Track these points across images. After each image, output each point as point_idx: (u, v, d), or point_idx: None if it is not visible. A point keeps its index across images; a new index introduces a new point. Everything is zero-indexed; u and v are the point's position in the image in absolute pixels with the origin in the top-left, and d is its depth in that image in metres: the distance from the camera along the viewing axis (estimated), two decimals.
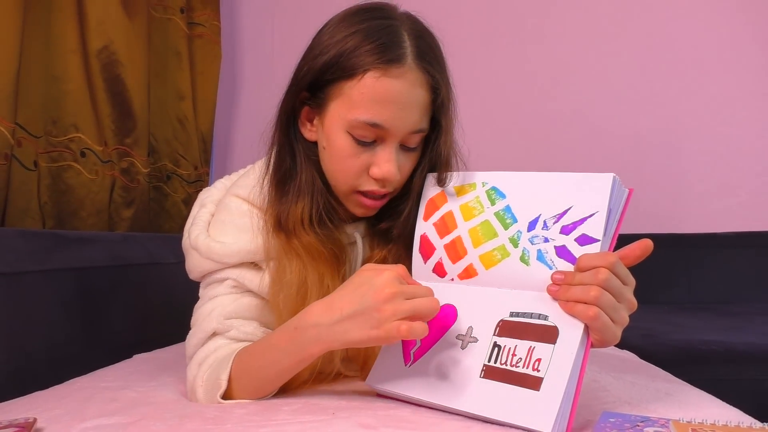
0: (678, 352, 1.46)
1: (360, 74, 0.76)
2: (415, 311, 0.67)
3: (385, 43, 0.76)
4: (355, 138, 0.79)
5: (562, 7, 2.34)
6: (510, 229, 0.73)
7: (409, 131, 0.79)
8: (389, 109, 0.77)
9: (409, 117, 0.78)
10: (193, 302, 0.91)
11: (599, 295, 0.62)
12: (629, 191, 0.69)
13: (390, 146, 0.79)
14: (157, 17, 1.90)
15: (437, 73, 0.79)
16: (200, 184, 2.06)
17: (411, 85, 0.77)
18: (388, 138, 0.79)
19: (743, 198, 2.21)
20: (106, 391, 0.86)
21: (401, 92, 0.76)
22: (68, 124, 1.49)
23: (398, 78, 0.76)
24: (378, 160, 0.80)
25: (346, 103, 0.78)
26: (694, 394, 0.84)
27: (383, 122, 0.77)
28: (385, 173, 0.79)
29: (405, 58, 0.76)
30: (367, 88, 0.76)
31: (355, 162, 0.80)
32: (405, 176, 0.84)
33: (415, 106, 0.78)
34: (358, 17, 0.80)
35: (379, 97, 0.76)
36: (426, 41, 0.80)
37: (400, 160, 0.81)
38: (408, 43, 0.77)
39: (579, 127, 2.31)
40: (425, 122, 0.81)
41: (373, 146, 0.80)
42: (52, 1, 1.45)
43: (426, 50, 0.79)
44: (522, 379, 0.65)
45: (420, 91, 0.78)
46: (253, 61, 2.45)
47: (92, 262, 1.26)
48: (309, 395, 0.80)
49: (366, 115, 0.77)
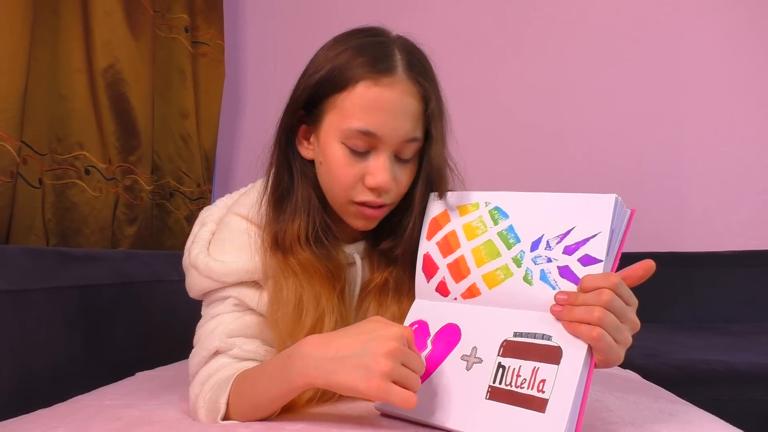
0: (680, 372, 1.45)
1: (352, 85, 0.78)
2: (407, 381, 0.66)
3: (376, 56, 0.79)
4: (349, 148, 0.80)
5: (563, 26, 2.36)
6: (513, 248, 0.73)
7: (401, 140, 0.80)
8: (381, 117, 0.78)
9: (400, 125, 0.79)
10: (196, 320, 0.91)
11: (602, 316, 0.62)
12: (631, 212, 0.69)
13: (383, 155, 0.80)
14: (161, 36, 1.92)
15: (427, 84, 0.81)
16: (203, 201, 2.06)
17: (402, 93, 0.79)
18: (381, 147, 0.80)
19: (744, 216, 2.21)
20: (110, 410, 0.86)
21: (392, 100, 0.78)
22: (73, 142, 1.50)
23: (389, 87, 0.78)
24: (372, 170, 0.80)
25: (339, 114, 0.80)
26: (696, 415, 0.84)
27: (375, 130, 0.78)
28: (379, 182, 0.80)
29: (396, 69, 0.79)
30: (359, 98, 0.78)
31: (349, 172, 0.81)
32: (402, 188, 0.85)
33: (406, 114, 0.79)
34: (351, 37, 0.83)
35: (370, 105, 0.78)
36: (416, 56, 0.83)
37: (395, 171, 0.82)
38: (399, 56, 0.80)
39: (580, 145, 2.32)
40: (418, 131, 0.82)
41: (367, 156, 0.81)
42: (59, 22, 1.47)
43: (416, 63, 0.81)
44: (527, 400, 0.65)
45: (411, 100, 0.80)
46: (256, 80, 2.47)
47: (96, 279, 1.26)
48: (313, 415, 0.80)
49: (358, 123, 0.78)
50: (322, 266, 0.85)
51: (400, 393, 0.64)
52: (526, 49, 2.38)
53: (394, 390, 0.64)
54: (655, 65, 2.30)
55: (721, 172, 2.24)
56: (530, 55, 2.37)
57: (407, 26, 0.89)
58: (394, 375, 0.64)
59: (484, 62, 2.38)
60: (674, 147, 2.27)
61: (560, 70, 2.35)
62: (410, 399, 0.64)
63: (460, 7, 2.40)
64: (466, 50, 2.37)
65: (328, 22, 2.41)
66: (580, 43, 2.34)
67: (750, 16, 2.26)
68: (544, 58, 2.36)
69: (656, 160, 2.28)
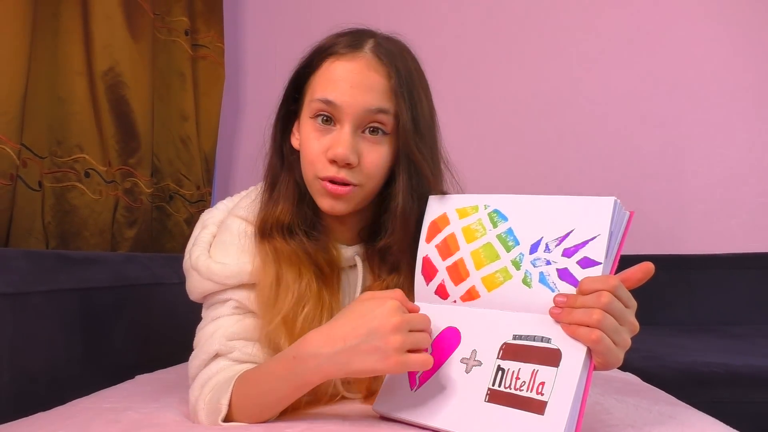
0: (680, 374, 1.45)
1: (319, 64, 0.85)
2: (418, 345, 0.69)
3: (348, 38, 0.85)
4: (315, 122, 0.84)
5: (564, 29, 2.36)
6: (512, 251, 0.73)
7: (361, 110, 0.81)
8: (340, 87, 0.81)
9: (360, 96, 0.81)
10: (195, 322, 0.91)
11: (602, 318, 0.63)
12: (630, 214, 0.69)
13: (345, 127, 0.82)
14: (161, 39, 1.93)
15: (395, 63, 0.83)
16: (203, 204, 2.06)
17: (363, 67, 0.82)
18: (343, 118, 0.82)
19: (744, 219, 2.21)
20: (109, 413, 0.86)
21: (352, 71, 0.82)
22: (73, 144, 1.50)
23: (351, 61, 0.82)
24: (333, 142, 0.82)
25: (309, 93, 0.86)
26: (696, 417, 0.84)
27: (334, 98, 0.81)
28: (337, 152, 0.80)
29: (362, 47, 0.83)
30: (324, 72, 0.84)
31: (315, 146, 0.83)
32: (370, 167, 0.84)
33: (367, 87, 0.82)
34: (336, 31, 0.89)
35: (332, 76, 0.83)
36: (390, 42, 0.87)
37: (359, 146, 0.83)
38: (370, 41, 0.85)
39: (579, 148, 2.32)
40: (384, 103, 0.82)
41: (332, 131, 0.83)
42: (59, 24, 1.47)
43: (386, 45, 0.85)
44: (526, 403, 0.65)
45: (373, 74, 0.82)
46: (256, 83, 2.47)
47: (95, 282, 1.26)
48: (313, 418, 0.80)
49: (319, 93, 0.82)
50: (306, 255, 0.86)
51: (418, 359, 0.68)
52: (525, 53, 2.38)
53: (411, 359, 0.68)
54: (655, 68, 2.30)
55: (721, 174, 2.24)
56: (529, 59, 2.37)
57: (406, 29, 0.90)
58: (406, 345, 0.68)
59: (483, 65, 2.38)
60: (674, 150, 2.27)
61: (559, 73, 2.35)
62: (428, 361, 0.68)
63: (459, 10, 2.40)
64: (465, 53, 2.37)
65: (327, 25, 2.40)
66: (579, 46, 2.35)
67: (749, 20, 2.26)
68: (543, 61, 2.36)
69: (656, 162, 2.28)
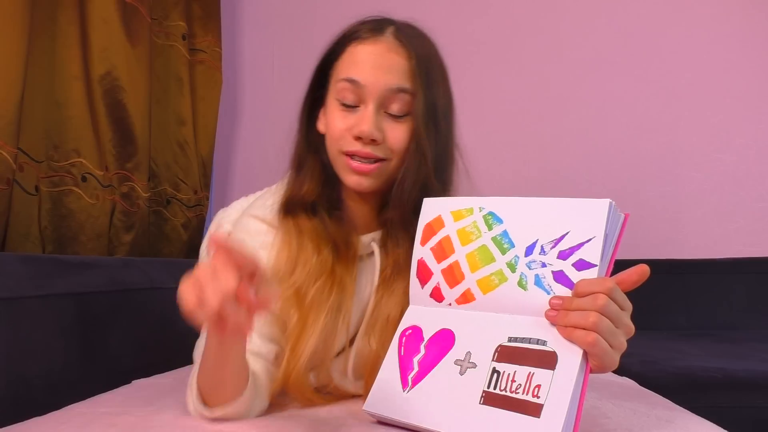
0: (677, 379, 1.45)
1: (343, 50, 0.89)
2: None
3: (370, 24, 0.89)
4: (341, 102, 0.87)
5: (561, 32, 2.37)
6: (507, 254, 0.73)
7: (384, 89, 0.85)
8: (363, 67, 0.86)
9: (382, 75, 0.85)
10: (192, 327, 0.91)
11: (598, 321, 0.62)
12: (625, 216, 0.69)
13: (369, 106, 0.86)
14: (159, 44, 1.93)
15: (416, 46, 0.87)
16: (200, 208, 2.06)
17: (385, 49, 0.86)
18: (367, 98, 0.86)
19: (741, 224, 2.21)
20: (105, 417, 0.85)
21: (374, 53, 0.86)
22: (70, 149, 1.50)
23: (373, 43, 0.87)
24: (358, 120, 0.86)
25: (334, 77, 0.90)
26: (694, 422, 0.83)
27: (358, 78, 0.85)
28: (362, 129, 0.84)
29: (383, 32, 0.88)
30: (348, 55, 0.88)
31: (340, 124, 0.87)
32: (394, 144, 0.87)
33: (389, 67, 0.86)
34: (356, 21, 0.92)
35: (356, 58, 0.87)
36: (411, 28, 0.91)
37: (383, 124, 0.86)
38: (392, 26, 0.89)
39: (577, 152, 2.32)
40: (405, 83, 0.86)
41: (357, 110, 0.87)
42: (57, 29, 1.47)
43: (407, 31, 0.90)
44: (522, 405, 0.64)
45: (395, 56, 0.86)
46: (254, 87, 2.47)
47: (92, 287, 1.26)
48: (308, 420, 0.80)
49: (344, 73, 0.87)
50: (325, 233, 0.90)
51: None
52: (523, 57, 2.38)
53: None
54: (652, 72, 2.30)
55: (718, 179, 2.24)
56: (527, 63, 2.38)
57: None
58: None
59: (482, 68, 2.38)
60: (671, 154, 2.28)
61: (557, 77, 2.35)
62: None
63: (459, 12, 2.40)
64: (463, 57, 2.38)
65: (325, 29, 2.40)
66: (577, 50, 2.35)
67: (746, 23, 2.27)
68: (540, 65, 2.37)
69: (653, 167, 2.28)
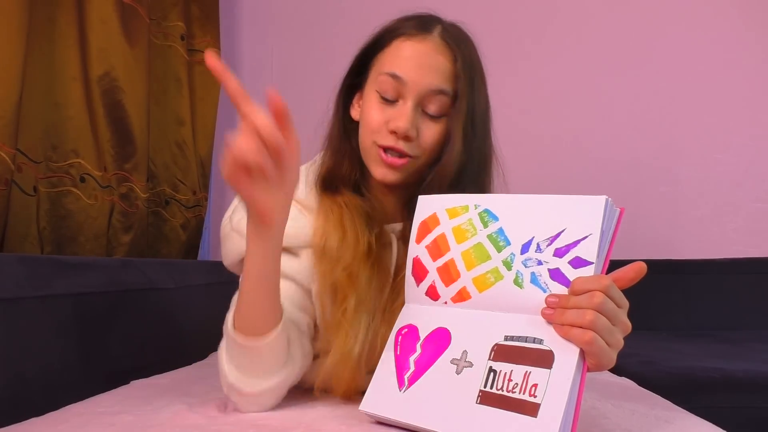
0: (677, 379, 1.45)
1: (389, 42, 0.91)
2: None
3: (417, 21, 0.91)
4: (380, 94, 0.89)
5: (560, 32, 2.37)
6: (503, 251, 0.73)
7: (426, 89, 0.87)
8: (408, 64, 0.87)
9: (426, 75, 0.87)
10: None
11: (595, 319, 0.62)
12: (620, 211, 0.69)
13: (408, 103, 0.88)
14: (157, 44, 1.93)
15: (461, 49, 0.89)
16: (199, 209, 2.06)
17: (432, 49, 0.88)
18: (407, 95, 0.88)
19: (740, 224, 2.21)
20: (103, 416, 0.85)
21: (421, 52, 0.88)
22: (68, 149, 1.49)
23: (421, 42, 0.88)
24: (396, 115, 0.88)
25: (377, 68, 0.91)
26: (693, 422, 0.83)
27: (401, 74, 0.87)
28: (399, 125, 0.86)
29: (432, 31, 0.89)
30: (394, 50, 0.90)
31: (377, 116, 0.89)
32: (427, 143, 0.90)
33: (433, 67, 0.88)
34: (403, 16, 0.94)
35: (401, 53, 0.89)
36: (458, 30, 0.94)
37: (419, 123, 0.89)
38: (439, 25, 0.91)
39: (576, 152, 2.32)
40: (445, 86, 0.88)
41: (395, 105, 0.89)
42: (55, 29, 1.47)
43: (454, 33, 0.92)
44: (519, 405, 0.64)
45: (440, 57, 0.88)
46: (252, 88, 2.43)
47: (90, 287, 1.25)
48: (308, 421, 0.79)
49: (387, 67, 0.89)
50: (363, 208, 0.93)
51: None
52: (522, 56, 2.38)
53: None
54: (651, 73, 2.30)
55: (717, 179, 2.24)
56: (526, 62, 2.38)
57: None
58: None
59: None
60: (670, 154, 2.28)
61: (556, 76, 2.35)
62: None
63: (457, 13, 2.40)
64: None
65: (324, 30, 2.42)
66: (576, 50, 2.35)
67: (745, 23, 2.27)
68: (540, 65, 2.37)
69: (652, 167, 2.28)
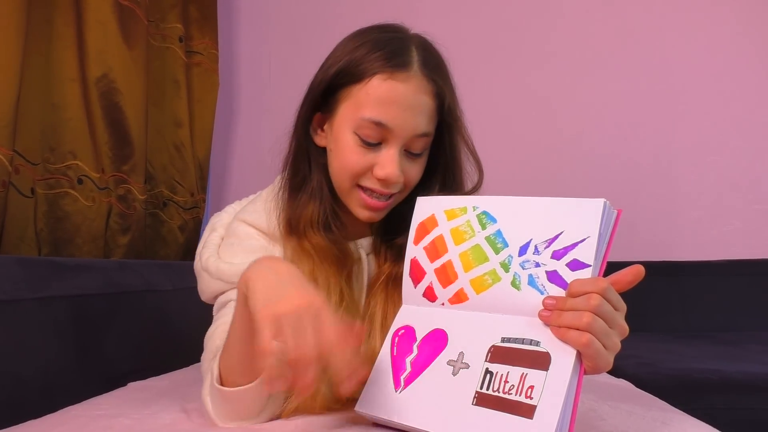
0: (674, 381, 1.45)
1: (368, 77, 0.81)
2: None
3: (393, 50, 0.82)
4: (361, 138, 0.83)
5: (558, 35, 2.37)
6: (501, 253, 0.73)
7: (412, 134, 0.83)
8: (393, 110, 0.81)
9: (412, 119, 0.82)
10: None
11: (592, 322, 0.62)
12: (618, 212, 0.69)
13: (394, 148, 0.83)
14: (156, 46, 1.93)
15: (441, 82, 0.85)
16: (197, 210, 2.06)
17: (415, 89, 0.82)
18: (391, 139, 0.83)
19: (737, 226, 2.22)
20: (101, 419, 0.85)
21: (406, 95, 0.81)
22: (66, 151, 1.50)
23: (403, 82, 0.81)
24: (381, 161, 0.83)
25: (354, 105, 0.83)
26: (690, 424, 0.83)
27: (387, 122, 0.81)
28: (388, 173, 0.82)
29: (411, 65, 0.82)
30: (374, 89, 0.81)
31: (359, 160, 0.84)
32: (410, 182, 0.88)
33: (419, 110, 0.82)
34: (370, 32, 0.87)
35: (384, 97, 0.81)
36: (432, 54, 0.87)
37: (404, 165, 0.85)
38: (415, 53, 0.83)
39: (573, 154, 2.32)
40: (430, 127, 0.85)
41: (378, 148, 0.84)
42: (53, 31, 1.47)
43: (432, 61, 0.85)
44: (515, 406, 0.64)
45: (424, 97, 0.83)
46: (250, 89, 2.48)
47: (88, 289, 1.25)
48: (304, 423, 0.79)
49: (371, 113, 0.81)
50: (332, 251, 0.88)
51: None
52: (520, 58, 2.39)
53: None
54: (648, 75, 2.31)
55: (714, 182, 2.25)
56: (524, 64, 2.38)
57: None
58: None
59: (480, 69, 2.38)
60: (667, 156, 2.28)
61: (554, 79, 2.36)
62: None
63: (456, 16, 2.41)
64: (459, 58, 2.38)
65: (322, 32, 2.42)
66: (573, 53, 2.36)
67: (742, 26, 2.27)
68: (537, 67, 2.37)
69: (649, 169, 2.28)
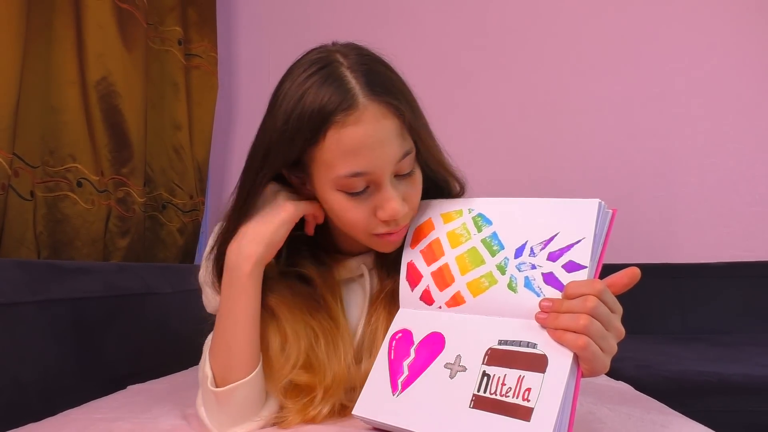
0: (672, 383, 1.45)
1: (321, 136, 0.74)
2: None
3: (331, 94, 0.73)
4: (347, 192, 0.78)
5: (554, 38, 2.37)
6: (497, 256, 0.73)
7: (393, 162, 0.76)
8: (364, 154, 0.74)
9: (386, 151, 0.75)
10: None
11: (588, 324, 0.62)
12: (613, 212, 0.69)
13: (385, 185, 0.77)
14: (155, 49, 1.93)
15: (393, 97, 0.76)
16: (196, 213, 2.06)
17: (373, 122, 0.74)
18: (378, 179, 0.76)
19: (735, 228, 2.21)
20: (100, 423, 0.85)
21: (367, 134, 0.73)
22: (65, 154, 1.50)
23: (357, 123, 0.73)
24: (380, 203, 0.78)
25: (322, 167, 0.77)
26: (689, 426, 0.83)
27: (364, 169, 0.75)
28: (391, 213, 0.77)
29: (356, 99, 0.73)
30: (334, 145, 0.74)
31: (359, 213, 0.79)
32: (414, 201, 0.82)
33: (387, 139, 0.75)
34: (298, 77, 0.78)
35: (348, 149, 0.73)
36: (370, 69, 0.77)
37: (402, 190, 0.79)
38: (353, 80, 0.74)
39: (571, 157, 2.32)
40: (407, 145, 0.77)
41: (370, 191, 0.78)
42: (53, 34, 1.48)
43: (373, 80, 0.75)
44: (512, 409, 0.64)
45: (385, 122, 0.75)
46: (250, 92, 2.48)
47: (87, 292, 1.26)
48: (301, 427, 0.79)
49: (344, 169, 0.75)
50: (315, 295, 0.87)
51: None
52: (518, 61, 2.39)
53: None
54: (646, 77, 2.31)
55: (712, 184, 2.25)
56: (523, 67, 2.38)
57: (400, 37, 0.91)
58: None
59: (475, 74, 2.39)
60: (665, 159, 2.28)
61: (552, 82, 2.36)
62: None
63: (454, 17, 2.41)
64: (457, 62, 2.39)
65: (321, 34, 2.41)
66: (571, 55, 2.36)
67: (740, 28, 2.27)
68: (535, 70, 2.37)
69: (647, 171, 2.28)
